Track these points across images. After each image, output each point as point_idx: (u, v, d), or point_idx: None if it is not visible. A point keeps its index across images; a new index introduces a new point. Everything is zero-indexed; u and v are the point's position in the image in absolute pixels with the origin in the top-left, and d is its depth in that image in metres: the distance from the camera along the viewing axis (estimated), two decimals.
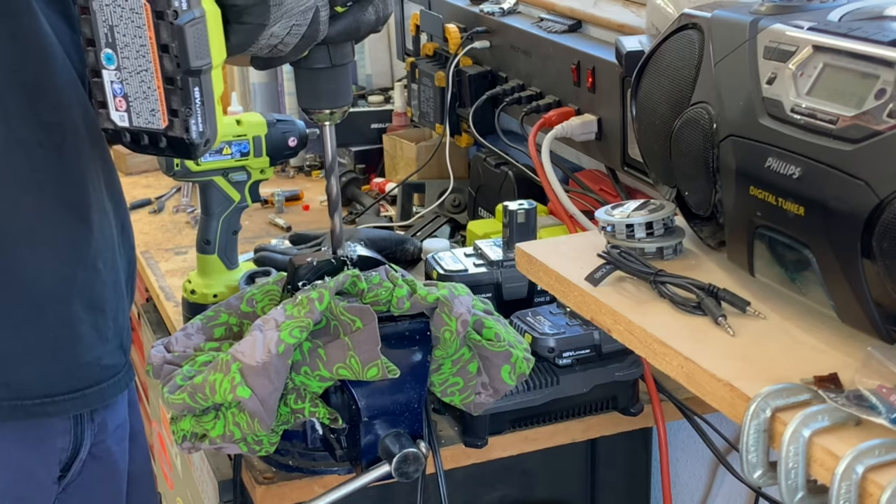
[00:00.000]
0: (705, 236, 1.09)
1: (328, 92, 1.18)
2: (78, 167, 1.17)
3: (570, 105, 1.78)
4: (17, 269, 1.13)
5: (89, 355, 1.19)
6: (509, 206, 1.53)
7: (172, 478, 1.95)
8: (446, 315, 1.22)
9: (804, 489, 0.76)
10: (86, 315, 1.18)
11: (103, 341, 1.20)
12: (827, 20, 0.92)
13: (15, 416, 1.15)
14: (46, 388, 1.16)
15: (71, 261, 1.17)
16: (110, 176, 1.24)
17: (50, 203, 1.14)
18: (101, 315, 1.20)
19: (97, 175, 1.20)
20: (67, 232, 1.16)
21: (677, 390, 1.48)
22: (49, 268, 1.15)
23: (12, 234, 1.13)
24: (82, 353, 1.18)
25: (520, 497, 1.50)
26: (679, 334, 0.93)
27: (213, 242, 1.64)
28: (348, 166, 2.45)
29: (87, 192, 1.18)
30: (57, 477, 1.20)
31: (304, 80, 1.18)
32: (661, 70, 1.07)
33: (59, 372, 1.17)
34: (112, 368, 1.22)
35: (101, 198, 1.20)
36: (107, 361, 1.21)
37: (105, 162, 1.22)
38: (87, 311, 1.18)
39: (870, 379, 0.79)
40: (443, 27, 2.11)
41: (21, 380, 1.14)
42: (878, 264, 0.81)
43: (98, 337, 1.19)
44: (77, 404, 1.18)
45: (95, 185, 1.19)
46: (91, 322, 1.19)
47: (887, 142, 0.80)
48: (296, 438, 1.33)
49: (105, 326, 1.21)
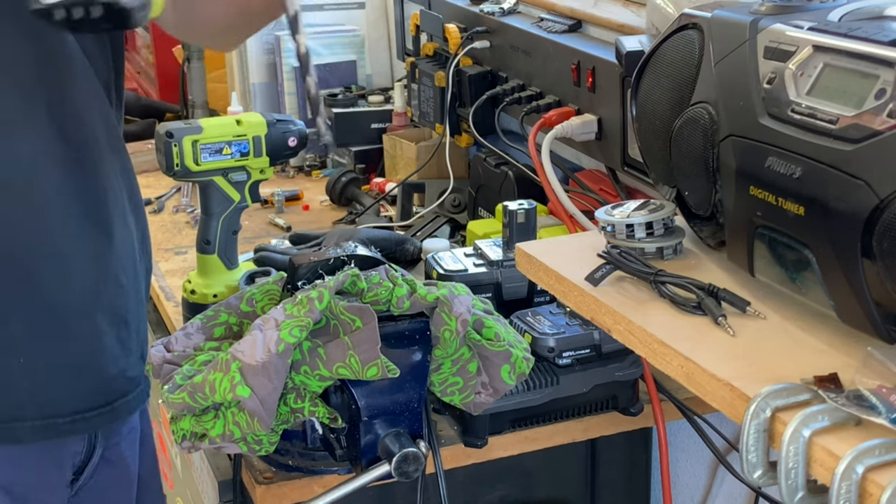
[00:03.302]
0: (705, 236, 1.09)
1: None
2: (100, 180, 1.16)
3: (570, 105, 1.78)
4: (42, 285, 1.12)
5: (115, 368, 1.18)
6: (509, 206, 1.53)
7: (172, 478, 1.95)
8: (446, 315, 1.22)
9: (804, 489, 0.76)
10: (110, 328, 1.17)
11: (127, 353, 1.20)
12: (827, 20, 0.92)
13: (47, 435, 1.14)
14: (75, 404, 1.15)
15: (94, 275, 1.16)
16: (131, 185, 1.22)
17: (74, 219, 1.13)
18: (125, 327, 1.19)
19: (118, 186, 1.19)
20: (91, 246, 1.15)
21: (677, 390, 1.48)
22: (74, 284, 1.14)
23: (37, 251, 1.12)
24: (108, 367, 1.18)
25: (520, 497, 1.50)
26: (679, 334, 0.93)
27: (213, 242, 1.64)
28: (348, 166, 2.45)
29: (108, 204, 1.17)
30: (70, 480, 1.20)
31: None
32: (661, 70, 1.07)
33: (86, 388, 1.16)
34: (135, 380, 1.22)
35: (123, 209, 1.19)
36: (131, 373, 1.21)
37: (125, 171, 1.21)
38: (111, 325, 1.18)
39: (870, 379, 0.79)
40: (443, 27, 2.11)
41: (50, 397, 1.13)
42: (878, 264, 0.81)
43: (122, 349, 1.19)
44: (106, 419, 1.18)
45: (117, 196, 1.18)
46: (115, 335, 1.18)
47: (887, 142, 0.80)
48: (296, 438, 1.33)
49: (128, 338, 1.20)
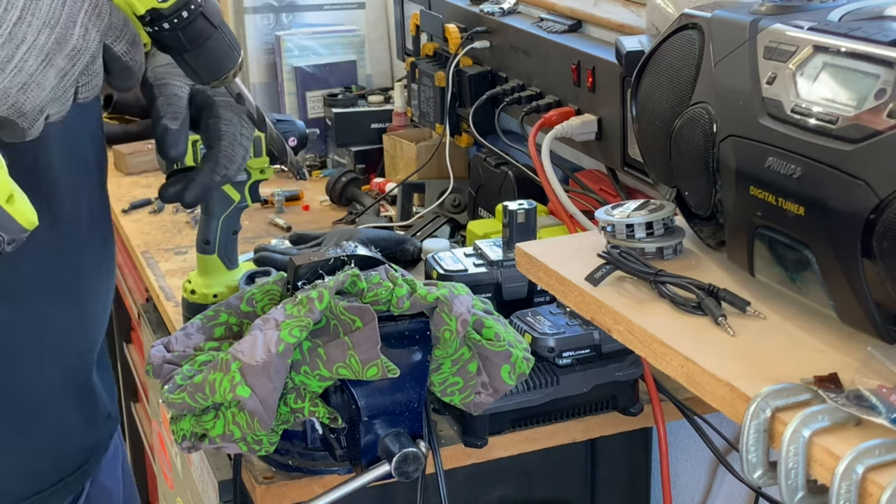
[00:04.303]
0: (705, 236, 1.09)
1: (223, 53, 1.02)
2: (76, 257, 1.11)
3: (570, 105, 1.78)
4: (19, 373, 1.07)
5: (76, 443, 1.14)
6: (509, 206, 1.53)
7: (172, 478, 1.95)
8: (446, 314, 1.22)
9: (804, 489, 0.76)
10: (76, 406, 1.13)
11: (90, 425, 1.16)
12: (827, 20, 0.92)
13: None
14: (34, 487, 1.10)
15: (67, 355, 1.11)
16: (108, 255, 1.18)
17: (49, 300, 1.08)
18: (92, 403, 1.16)
19: (92, 261, 1.14)
20: (63, 325, 1.10)
21: (677, 390, 1.48)
22: (47, 368, 1.09)
23: (16, 339, 1.06)
24: (69, 443, 1.13)
25: (520, 497, 1.50)
26: (679, 334, 0.93)
27: (213, 242, 1.64)
28: (348, 166, 2.45)
29: (80, 280, 1.12)
30: None
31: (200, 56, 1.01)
32: (661, 70, 1.07)
33: (47, 468, 1.11)
34: (94, 444, 1.18)
35: (97, 283, 1.15)
36: (92, 440, 1.17)
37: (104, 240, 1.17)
38: (78, 402, 1.14)
39: (870, 379, 0.79)
40: (443, 27, 2.11)
41: (10, 484, 1.09)
42: (878, 264, 0.81)
43: (85, 423, 1.15)
44: (60, 495, 1.13)
45: (90, 271, 1.13)
46: (80, 411, 1.14)
47: (887, 142, 0.80)
48: (296, 438, 1.33)
49: (94, 413, 1.17)
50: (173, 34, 0.95)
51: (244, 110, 1.15)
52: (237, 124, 1.18)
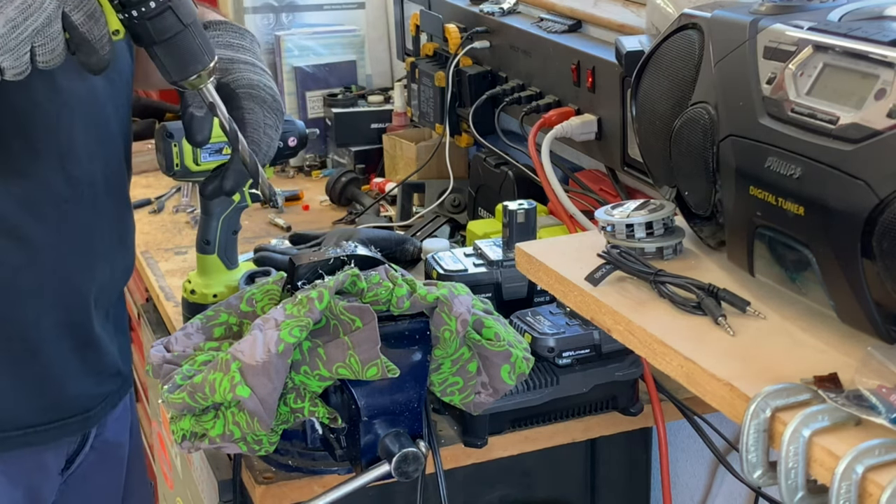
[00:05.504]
0: (705, 236, 1.08)
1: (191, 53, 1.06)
2: (91, 218, 1.18)
3: (570, 105, 1.78)
4: (20, 317, 1.15)
5: (76, 389, 1.21)
6: (509, 206, 1.53)
7: (172, 478, 1.95)
8: (446, 314, 1.22)
9: (804, 489, 0.76)
10: (77, 353, 1.20)
11: (92, 374, 1.22)
12: (827, 20, 0.92)
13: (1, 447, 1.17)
14: (30, 419, 1.18)
15: (71, 307, 1.19)
16: (123, 221, 1.25)
17: (61, 257, 1.16)
18: (94, 352, 1.22)
19: (108, 222, 1.21)
20: (73, 281, 1.18)
21: (677, 390, 1.48)
22: (49, 315, 1.17)
23: (22, 288, 1.14)
24: (69, 388, 1.20)
25: (520, 497, 1.50)
26: (679, 334, 0.93)
27: (212, 242, 1.64)
28: (348, 166, 2.45)
29: (95, 242, 1.19)
30: (61, 469, 1.22)
31: (168, 51, 1.05)
32: (661, 70, 1.07)
33: (44, 405, 1.19)
34: (100, 396, 1.24)
35: (112, 245, 1.22)
36: (95, 391, 1.23)
37: (119, 206, 1.24)
38: (79, 350, 1.20)
39: (870, 379, 0.79)
40: (443, 27, 2.11)
41: (8, 414, 1.17)
42: (878, 264, 0.81)
43: (87, 371, 1.21)
44: (56, 434, 1.20)
45: (104, 235, 1.21)
46: (81, 358, 1.21)
47: (887, 142, 0.80)
48: (295, 438, 1.33)
49: (97, 361, 1.23)
50: (141, 23, 1.00)
51: (270, 101, 1.19)
52: (259, 112, 1.20)
